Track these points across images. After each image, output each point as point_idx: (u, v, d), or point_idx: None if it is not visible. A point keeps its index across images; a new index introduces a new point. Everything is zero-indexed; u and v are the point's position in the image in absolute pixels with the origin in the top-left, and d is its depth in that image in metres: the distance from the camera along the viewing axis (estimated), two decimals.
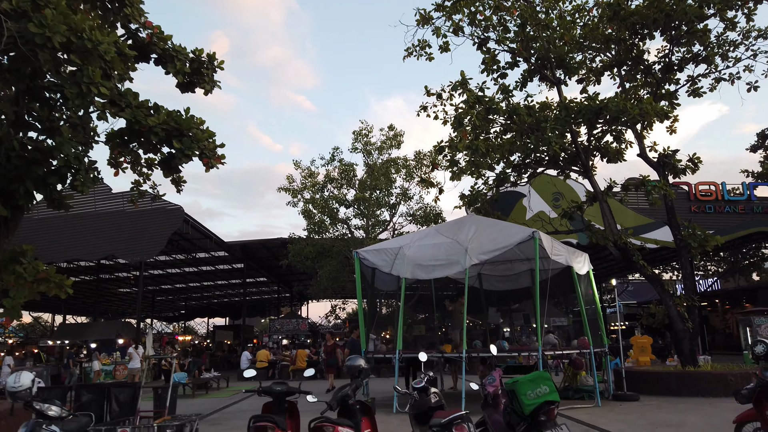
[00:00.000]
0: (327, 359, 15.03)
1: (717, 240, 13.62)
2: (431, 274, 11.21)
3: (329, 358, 14.91)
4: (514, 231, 11.18)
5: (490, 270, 14.99)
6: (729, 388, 11.37)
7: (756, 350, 6.51)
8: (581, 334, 12.74)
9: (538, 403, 5.40)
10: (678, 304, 13.16)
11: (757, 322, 23.83)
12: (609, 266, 32.97)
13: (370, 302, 13.39)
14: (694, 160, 14.52)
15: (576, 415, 9.53)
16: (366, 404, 6.20)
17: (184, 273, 36.46)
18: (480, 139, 12.32)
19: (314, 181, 26.61)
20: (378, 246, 12.39)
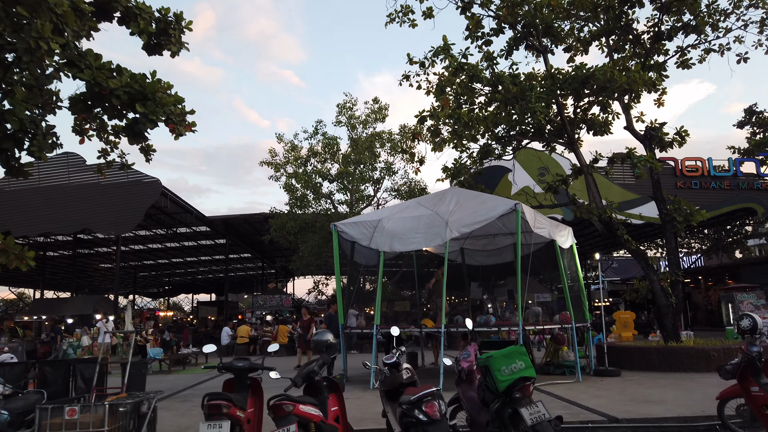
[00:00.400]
0: (303, 335, 14.57)
1: (702, 215, 13.41)
2: (410, 247, 10.87)
3: (305, 334, 14.44)
4: (496, 203, 10.83)
5: (472, 244, 14.70)
6: (711, 363, 11.25)
7: (742, 324, 6.27)
8: (564, 310, 12.54)
9: (512, 379, 5.09)
10: (662, 280, 12.98)
11: (739, 299, 23.90)
12: (594, 242, 32.91)
13: (350, 277, 13.04)
14: (681, 133, 14.21)
15: (556, 391, 9.33)
16: (334, 381, 5.88)
17: (166, 248, 35.92)
18: (463, 108, 11.87)
19: (297, 155, 26.05)
20: (357, 219, 12.00)
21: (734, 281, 33.90)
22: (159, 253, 37.72)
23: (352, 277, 13.14)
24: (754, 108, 27.73)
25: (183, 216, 26.47)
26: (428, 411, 4.99)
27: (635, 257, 13.55)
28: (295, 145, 26.26)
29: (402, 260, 25.34)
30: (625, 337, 15.25)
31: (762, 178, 22.51)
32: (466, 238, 14.68)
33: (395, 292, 30.73)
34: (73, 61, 7.75)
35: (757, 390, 5.98)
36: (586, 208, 13.69)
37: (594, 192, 13.51)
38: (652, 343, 13.14)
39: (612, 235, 13.48)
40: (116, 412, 5.57)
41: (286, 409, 4.82)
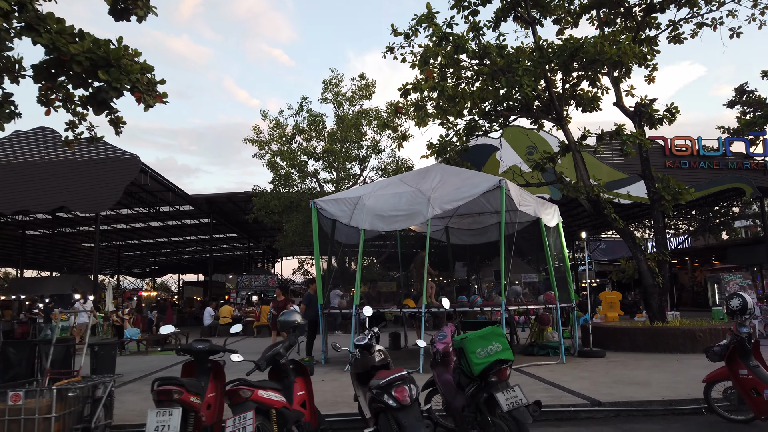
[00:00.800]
0: (277, 316, 13.96)
1: (691, 193, 13.14)
2: (392, 226, 10.50)
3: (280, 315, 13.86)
4: (480, 179, 10.47)
5: (456, 223, 14.36)
6: (697, 344, 11.07)
7: (731, 304, 5.98)
8: (550, 290, 12.28)
9: (488, 362, 4.77)
10: (649, 259, 12.74)
11: (725, 279, 23.88)
12: (583, 222, 32.78)
13: (330, 256, 12.67)
14: (671, 110, 13.84)
15: (539, 373, 9.08)
16: (301, 364, 5.54)
17: (150, 228, 35.33)
18: (447, 80, 11.43)
19: (282, 133, 25.48)
20: (337, 195, 11.59)
21: (720, 262, 34.03)
22: (143, 233, 37.13)
23: (333, 256, 12.78)
24: (744, 87, 27.45)
25: (165, 194, 25.90)
26: (398, 396, 4.66)
27: (622, 237, 13.29)
28: (279, 122, 25.67)
29: (390, 240, 25.08)
30: (611, 317, 15.06)
31: (751, 158, 22.30)
32: (450, 216, 14.34)
33: (382, 272, 30.49)
34: (32, 24, 7.23)
35: (746, 373, 5.72)
36: (573, 186, 13.37)
37: (582, 170, 13.18)
38: (638, 324, 12.95)
39: (599, 214, 13.19)
40: (65, 398, 5.20)
41: (242, 395, 4.47)
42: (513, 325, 14.03)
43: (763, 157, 22.39)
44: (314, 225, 11.36)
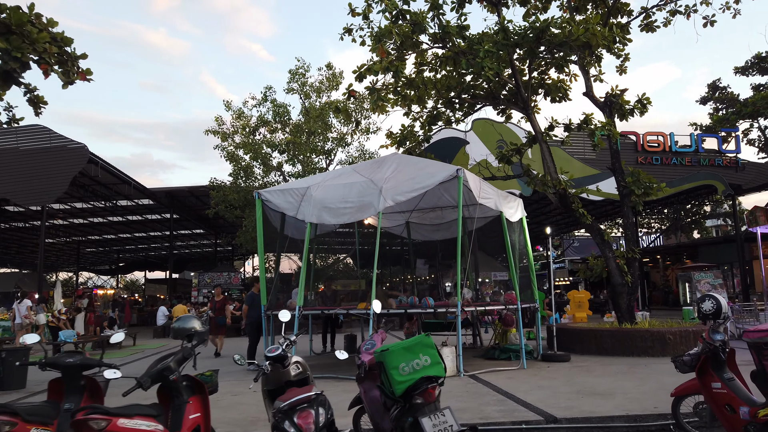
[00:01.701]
0: (215, 318, 12.60)
1: (662, 188, 12.51)
2: (340, 219, 9.61)
3: (218, 316, 12.53)
4: (437, 169, 9.64)
5: (418, 218, 13.54)
6: (667, 347, 10.42)
7: (703, 307, 5.22)
8: (528, 289, 11.54)
9: (413, 380, 3.91)
10: (618, 257, 12.08)
11: (696, 278, 23.57)
12: (556, 220, 32.32)
13: (279, 253, 11.73)
14: (642, 101, 13.18)
15: (496, 380, 8.29)
16: (197, 380, 4.62)
17: (110, 223, 33.85)
18: (404, 61, 10.56)
19: (245, 123, 24.38)
20: (283, 186, 10.66)
21: (692, 261, 33.90)
22: (103, 228, 35.60)
23: (299, 254, 11.84)
24: (717, 83, 27.18)
25: (121, 187, 24.58)
26: (300, 423, 3.79)
27: (590, 233, 12.61)
28: (242, 112, 24.58)
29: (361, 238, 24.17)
30: (579, 317, 14.42)
31: (723, 155, 21.94)
32: (411, 211, 13.52)
33: (347, 271, 29.58)
34: None
35: (719, 387, 4.97)
36: (540, 180, 12.65)
37: (548, 162, 12.46)
38: (606, 325, 12.29)
39: (567, 209, 12.48)
40: None
41: (94, 426, 3.53)
42: (476, 326, 13.27)
43: (735, 153, 22.05)
44: (258, 218, 10.42)
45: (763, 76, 25.71)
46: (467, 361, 10.61)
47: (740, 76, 25.52)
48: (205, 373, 4.88)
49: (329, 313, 10.59)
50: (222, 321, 12.24)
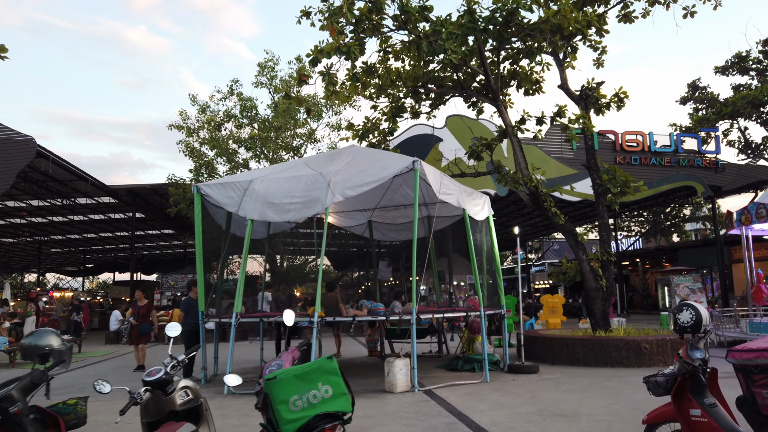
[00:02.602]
0: (138, 326, 10.92)
1: (639, 187, 11.76)
2: (285, 215, 8.65)
3: (141, 323, 10.91)
4: (392, 160, 8.74)
5: (381, 217, 12.63)
6: (643, 357, 9.64)
7: (680, 318, 4.36)
8: (494, 294, 10.69)
9: (306, 418, 2.99)
10: (592, 260, 11.29)
11: (675, 282, 22.96)
12: (536, 223, 31.63)
13: (226, 256, 10.70)
14: (619, 94, 12.46)
15: (453, 397, 7.39)
16: (51, 413, 3.64)
17: (72, 222, 32.41)
18: (362, 45, 9.64)
19: (210, 118, 23.29)
20: (226, 179, 9.68)
21: (671, 264, 33.48)
22: (66, 228, 34.13)
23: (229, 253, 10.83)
24: (697, 83, 26.73)
25: (78, 184, 23.32)
26: None
27: (563, 234, 11.81)
28: (207, 106, 23.52)
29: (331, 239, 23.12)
30: (553, 323, 13.63)
31: (703, 156, 21.39)
32: (373, 209, 12.62)
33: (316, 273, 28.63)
34: None
35: (699, 414, 4.11)
36: (512, 177, 11.83)
37: (519, 157, 11.64)
38: (579, 333, 11.48)
39: (539, 208, 11.67)
40: None
41: None
42: (441, 333, 12.38)
43: (715, 154, 21.52)
44: (197, 215, 9.42)
45: (743, 76, 25.32)
46: (427, 372, 9.73)
47: (720, 76, 25.14)
48: (67, 401, 3.90)
49: (268, 320, 9.59)
50: (146, 329, 10.77)
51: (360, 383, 8.75)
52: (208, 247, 10.22)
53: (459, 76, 12.00)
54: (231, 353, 8.28)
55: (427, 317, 8.46)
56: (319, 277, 8.13)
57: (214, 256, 13.48)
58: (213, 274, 11.10)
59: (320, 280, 8.13)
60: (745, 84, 25.46)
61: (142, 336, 10.58)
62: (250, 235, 11.61)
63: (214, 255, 11.83)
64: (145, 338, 10.77)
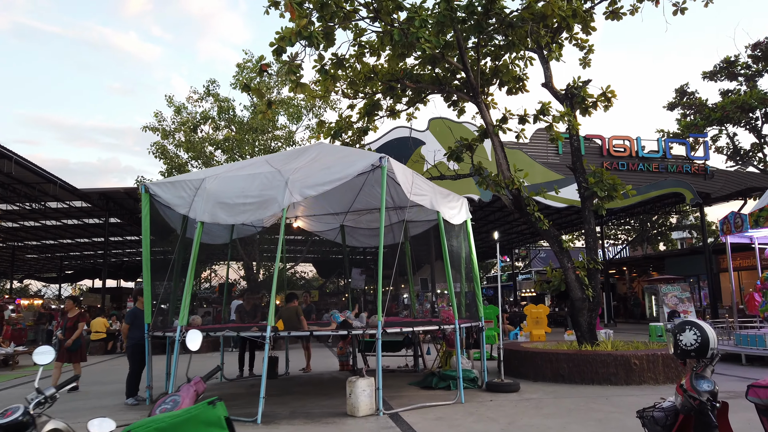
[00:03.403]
0: (63, 340, 9.42)
1: (627, 191, 11.04)
2: (238, 217, 7.81)
3: (67, 339, 9.40)
4: (357, 157, 7.94)
5: (354, 221, 11.83)
6: (632, 373, 8.88)
7: (682, 340, 3.59)
8: (473, 305, 9.90)
9: None
10: (577, 268, 10.55)
11: (663, 291, 22.36)
12: (520, 230, 30.98)
13: (181, 260, 9.79)
14: (607, 93, 11.78)
15: (419, 422, 6.57)
16: None
17: (45, 227, 31.20)
18: (332, 35, 8.86)
19: (184, 120, 22.42)
20: (177, 177, 8.80)
21: (658, 273, 32.94)
22: (39, 233, 32.92)
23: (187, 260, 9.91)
24: (685, 88, 26.27)
25: (46, 186, 22.28)
26: None
27: (547, 240, 11.07)
28: (183, 107, 22.65)
29: (314, 245, 22.24)
30: (537, 335, 12.87)
31: (692, 161, 20.84)
32: (346, 213, 11.81)
33: (301, 282, 27.67)
34: None
35: None
36: (493, 179, 11.08)
37: (500, 158, 10.90)
38: (564, 346, 10.71)
39: (521, 211, 10.93)
40: None
41: None
42: (418, 347, 11.56)
43: (703, 160, 20.99)
44: (144, 216, 8.55)
45: (732, 81, 24.91)
46: (398, 390, 8.90)
47: (709, 81, 24.70)
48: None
49: (215, 335, 8.71)
50: (75, 346, 9.44)
51: (320, 404, 7.91)
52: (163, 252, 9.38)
53: (437, 73, 11.27)
54: (174, 371, 7.38)
55: (394, 330, 7.64)
56: (273, 287, 7.27)
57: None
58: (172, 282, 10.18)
59: (275, 290, 7.27)
60: (734, 89, 25.05)
61: (72, 354, 9.38)
62: (205, 240, 10.78)
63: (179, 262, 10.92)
64: (76, 356, 9.42)
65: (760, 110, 22.26)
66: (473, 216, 24.17)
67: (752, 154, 25.27)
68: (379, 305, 7.13)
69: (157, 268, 19.57)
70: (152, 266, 9.00)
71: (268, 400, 8.30)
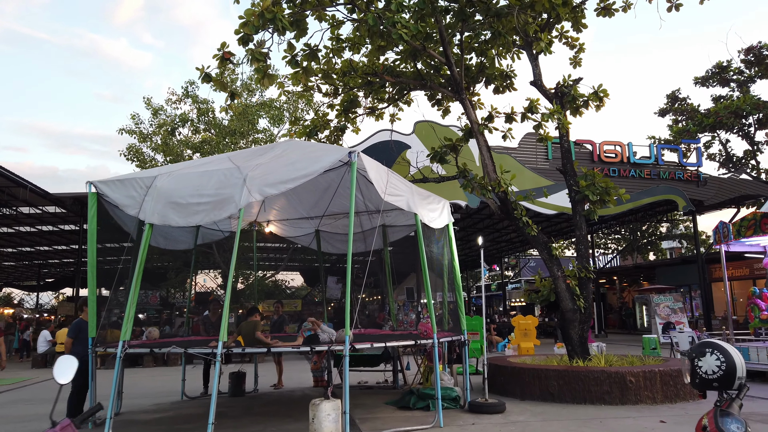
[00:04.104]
0: None
1: (621, 195, 10.35)
2: (190, 219, 6.97)
3: None
4: (324, 152, 7.17)
5: (330, 226, 11.05)
6: (628, 392, 8.13)
7: (702, 367, 2.84)
8: (455, 316, 9.13)
9: None
10: (568, 277, 9.82)
11: (656, 301, 21.73)
12: (509, 239, 30.32)
13: (138, 267, 8.92)
14: (599, 93, 11.11)
15: None
16: None
17: (20, 234, 30.09)
18: (303, 21, 8.12)
19: (162, 122, 21.61)
20: (127, 175, 7.97)
21: (649, 282, 32.36)
22: (15, 240, 31.81)
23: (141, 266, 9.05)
24: (677, 94, 25.80)
25: (17, 191, 21.29)
26: None
27: (536, 247, 10.34)
28: (162, 109, 21.85)
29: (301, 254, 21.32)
30: (525, 348, 12.11)
31: (684, 168, 20.28)
32: (321, 217, 11.02)
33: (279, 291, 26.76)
34: None
35: None
36: (478, 182, 10.37)
37: (486, 158, 10.19)
38: (554, 361, 9.96)
39: (508, 216, 10.21)
40: None
41: None
42: (397, 361, 10.75)
43: (696, 167, 20.44)
44: (91, 218, 7.71)
45: (724, 87, 24.43)
46: (372, 411, 8.09)
47: (700, 87, 24.20)
48: None
49: (159, 352, 7.83)
50: None
51: (282, 429, 7.09)
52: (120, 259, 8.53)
53: (420, 69, 10.57)
54: (114, 389, 6.53)
55: (363, 346, 6.84)
56: (227, 299, 6.44)
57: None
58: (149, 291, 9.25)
59: (228, 302, 6.44)
60: (726, 96, 24.59)
61: None
62: (165, 245, 9.95)
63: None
64: None
65: (753, 116, 21.79)
66: (460, 224, 23.58)
67: (745, 161, 24.80)
68: (346, 317, 6.33)
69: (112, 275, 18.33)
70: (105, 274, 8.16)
71: (224, 423, 7.48)
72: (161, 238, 9.33)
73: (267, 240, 21.27)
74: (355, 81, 10.42)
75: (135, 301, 6.79)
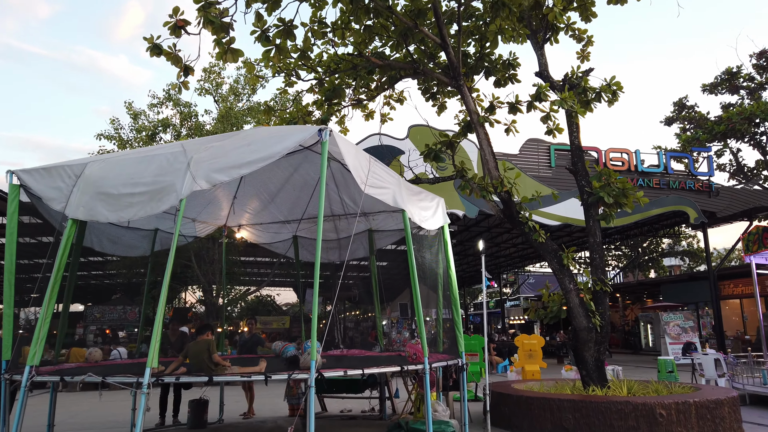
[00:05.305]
0: None
1: (639, 198, 9.08)
2: (123, 212, 5.62)
3: None
4: (288, 132, 5.87)
5: (308, 231, 9.72)
6: (658, 428, 6.76)
7: None
8: (452, 335, 7.78)
9: None
10: (581, 290, 8.51)
11: (665, 319, 20.35)
12: (510, 254, 28.96)
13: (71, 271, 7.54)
14: (612, 85, 9.89)
15: None
16: None
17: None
18: None
19: (141, 127, 20.40)
20: (55, 163, 6.63)
21: (653, 300, 31.00)
22: None
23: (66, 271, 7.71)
24: (684, 101, 24.72)
25: None
26: None
27: (544, 255, 9.00)
28: (143, 113, 20.65)
29: (293, 267, 19.92)
30: (530, 371, 10.74)
31: (695, 177, 19.07)
32: (299, 220, 9.70)
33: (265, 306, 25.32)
34: None
35: None
36: (478, 183, 9.11)
37: (487, 153, 8.93)
38: (566, 388, 8.58)
39: (511, 220, 8.92)
40: None
41: None
42: (385, 387, 9.33)
43: (707, 176, 19.22)
44: (11, 215, 6.35)
45: (733, 95, 23.37)
46: None
47: (708, 94, 23.15)
48: None
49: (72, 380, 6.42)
50: None
51: None
52: None
53: (411, 55, 9.35)
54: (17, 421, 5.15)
55: (333, 375, 5.50)
56: (159, 316, 5.08)
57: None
58: None
59: (159, 321, 5.07)
60: (735, 103, 23.51)
61: None
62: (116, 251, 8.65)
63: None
64: None
65: (767, 123, 20.67)
66: (458, 237, 22.21)
67: (757, 172, 23.63)
68: (313, 337, 5.00)
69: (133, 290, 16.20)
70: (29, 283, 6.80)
71: None
72: (107, 242, 7.98)
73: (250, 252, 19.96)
74: (342, 63, 9.15)
75: (48, 317, 5.45)
